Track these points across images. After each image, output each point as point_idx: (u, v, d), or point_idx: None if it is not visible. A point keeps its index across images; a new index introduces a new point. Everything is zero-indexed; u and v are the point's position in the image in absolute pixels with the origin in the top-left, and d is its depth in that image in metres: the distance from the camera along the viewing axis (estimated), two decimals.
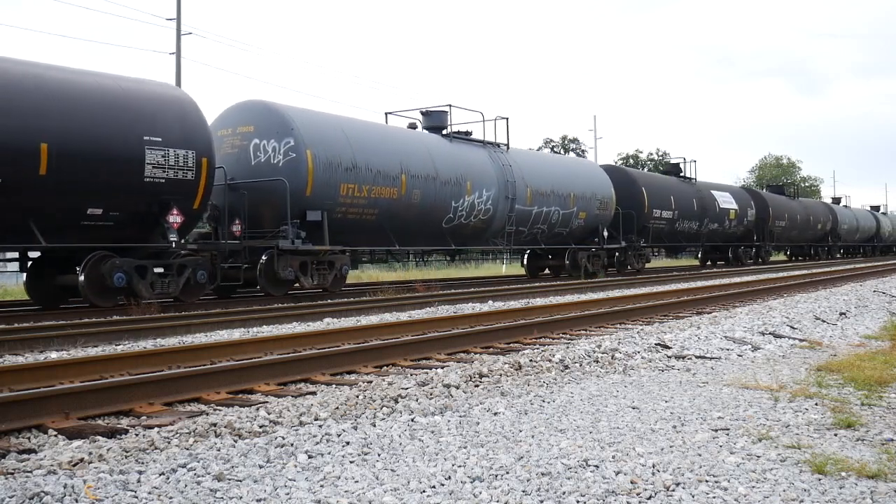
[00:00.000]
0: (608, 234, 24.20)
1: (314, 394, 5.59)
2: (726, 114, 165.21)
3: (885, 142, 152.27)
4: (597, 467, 3.52)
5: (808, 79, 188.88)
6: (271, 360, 6.30)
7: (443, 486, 3.30)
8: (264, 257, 14.53)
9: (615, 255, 25.04)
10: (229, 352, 7.19)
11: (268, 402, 5.28)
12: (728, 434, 4.13)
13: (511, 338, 8.54)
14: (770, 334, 8.60)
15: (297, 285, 15.26)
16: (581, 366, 6.53)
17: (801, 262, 40.13)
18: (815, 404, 4.87)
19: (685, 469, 3.48)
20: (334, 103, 59.19)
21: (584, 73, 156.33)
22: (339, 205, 15.71)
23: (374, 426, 4.32)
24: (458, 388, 5.48)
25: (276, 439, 4.00)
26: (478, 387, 5.60)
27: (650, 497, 3.13)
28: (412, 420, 4.48)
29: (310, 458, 3.71)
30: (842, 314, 11.08)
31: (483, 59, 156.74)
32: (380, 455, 3.76)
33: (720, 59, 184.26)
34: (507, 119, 21.06)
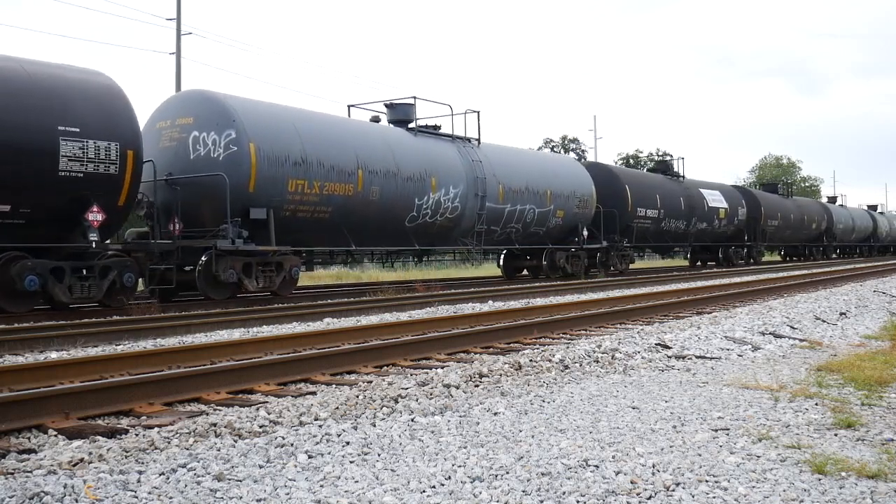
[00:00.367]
0: (588, 233, 23.23)
1: (314, 394, 5.59)
2: (726, 114, 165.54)
3: (885, 142, 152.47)
4: (597, 467, 3.52)
5: (808, 79, 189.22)
6: (271, 360, 6.30)
7: (443, 486, 3.30)
8: (204, 258, 13.49)
9: (596, 255, 24.05)
10: (229, 352, 7.20)
11: (268, 402, 5.28)
12: (728, 434, 4.13)
13: (511, 338, 8.55)
14: (770, 334, 8.60)
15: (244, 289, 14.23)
16: (581, 366, 6.53)
17: (798, 263, 39.17)
18: (816, 404, 4.87)
19: (685, 469, 3.48)
20: (334, 103, 59.21)
21: (584, 73, 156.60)
22: (288, 202, 14.57)
23: (374, 426, 4.32)
24: (458, 388, 5.48)
25: (276, 439, 4.00)
26: (478, 387, 5.60)
27: (650, 497, 3.13)
28: (412, 420, 4.48)
29: (310, 458, 3.71)
30: (842, 314, 11.08)
31: (483, 59, 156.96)
32: (380, 455, 3.76)
33: (720, 59, 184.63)
34: (479, 112, 20.11)
